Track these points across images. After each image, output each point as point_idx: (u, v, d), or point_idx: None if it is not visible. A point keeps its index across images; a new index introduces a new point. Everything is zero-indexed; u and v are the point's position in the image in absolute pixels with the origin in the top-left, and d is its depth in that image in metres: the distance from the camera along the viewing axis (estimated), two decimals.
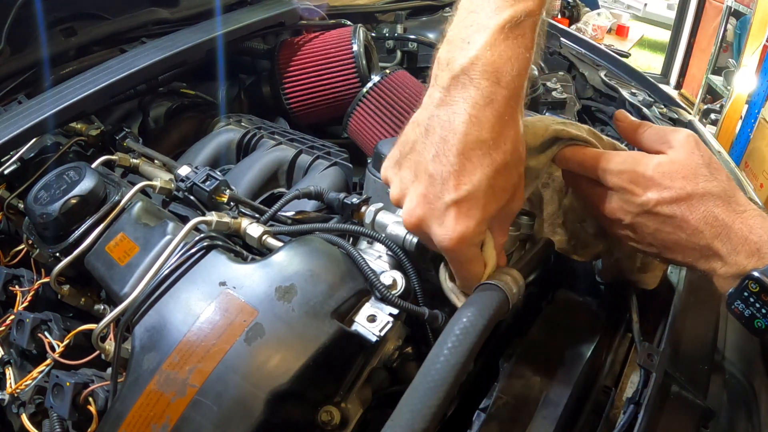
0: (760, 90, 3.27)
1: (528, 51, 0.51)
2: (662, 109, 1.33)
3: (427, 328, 0.67)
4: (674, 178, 0.56)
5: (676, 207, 0.55)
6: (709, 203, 0.55)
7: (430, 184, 0.52)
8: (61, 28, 1.12)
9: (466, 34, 0.51)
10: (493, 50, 0.50)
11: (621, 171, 0.58)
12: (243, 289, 0.61)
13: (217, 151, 1.09)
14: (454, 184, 0.50)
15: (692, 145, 0.57)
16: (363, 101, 1.18)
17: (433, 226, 0.53)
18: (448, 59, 0.52)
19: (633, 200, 0.57)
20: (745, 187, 1.14)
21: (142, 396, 0.57)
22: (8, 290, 0.80)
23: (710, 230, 0.54)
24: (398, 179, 0.56)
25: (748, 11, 3.73)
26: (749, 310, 0.53)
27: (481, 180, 0.50)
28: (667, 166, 0.56)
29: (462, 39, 0.51)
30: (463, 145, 0.50)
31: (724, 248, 0.54)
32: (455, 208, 0.51)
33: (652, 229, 0.57)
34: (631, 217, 0.58)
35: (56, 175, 0.77)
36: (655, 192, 0.56)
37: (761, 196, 2.88)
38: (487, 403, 0.61)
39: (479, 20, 0.51)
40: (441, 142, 0.51)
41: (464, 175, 0.50)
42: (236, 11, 1.29)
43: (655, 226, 0.57)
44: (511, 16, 0.50)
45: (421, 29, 1.67)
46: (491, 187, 0.51)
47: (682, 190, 0.55)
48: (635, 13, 6.70)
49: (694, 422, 0.62)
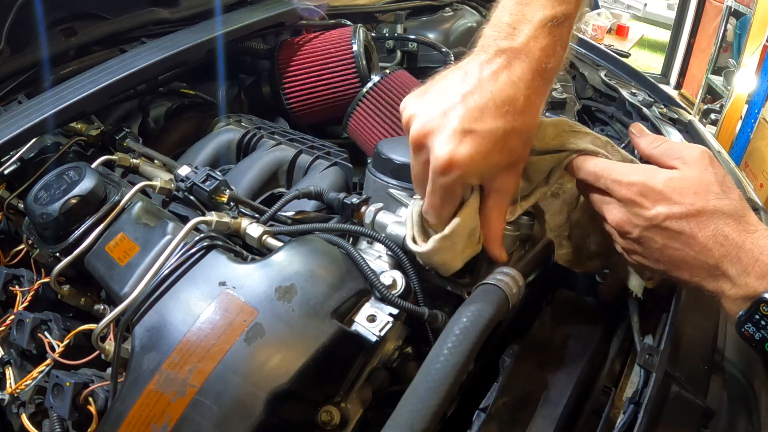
0: (760, 90, 3.27)
1: (563, 50, 0.57)
2: (662, 109, 1.33)
3: (427, 328, 0.67)
4: (685, 193, 0.55)
5: (684, 223, 0.54)
6: (719, 221, 0.54)
7: (452, 108, 0.54)
8: (61, 28, 1.12)
9: (512, 21, 0.56)
10: (536, 42, 0.55)
11: (631, 183, 0.57)
12: (243, 289, 0.61)
13: (217, 151, 1.09)
14: (475, 116, 0.53)
15: (706, 162, 0.57)
16: (363, 101, 1.18)
17: (438, 139, 0.55)
18: (495, 38, 0.56)
19: (642, 213, 0.56)
20: (745, 187, 1.14)
21: (142, 396, 0.57)
22: (8, 290, 0.80)
23: (719, 249, 0.53)
24: (418, 101, 0.58)
25: (748, 11, 3.73)
26: (760, 333, 0.52)
27: (499, 128, 0.54)
28: (679, 181, 0.56)
29: (509, 25, 0.56)
30: (498, 96, 0.54)
31: (733, 269, 0.53)
32: (464, 134, 0.54)
33: (659, 245, 0.57)
34: (639, 230, 0.57)
35: (56, 175, 0.77)
36: (664, 206, 0.55)
37: (761, 196, 2.88)
38: (487, 403, 0.62)
39: (526, 13, 0.56)
40: (476, 85, 0.55)
41: (488, 115, 0.54)
42: (236, 11, 1.29)
43: (662, 241, 0.56)
44: (553, 15, 0.55)
45: (421, 29, 1.67)
46: (503, 139, 0.54)
47: (692, 206, 0.54)
48: (635, 13, 6.70)
49: (694, 422, 0.62)
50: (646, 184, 0.56)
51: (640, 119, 1.29)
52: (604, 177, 0.59)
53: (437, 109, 0.55)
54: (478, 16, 1.85)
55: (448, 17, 1.75)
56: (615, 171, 0.59)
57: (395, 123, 1.16)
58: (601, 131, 1.37)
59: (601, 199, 0.61)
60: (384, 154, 0.79)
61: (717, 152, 1.22)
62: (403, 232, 0.67)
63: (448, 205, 0.58)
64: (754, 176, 3.07)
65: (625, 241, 0.61)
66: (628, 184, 0.57)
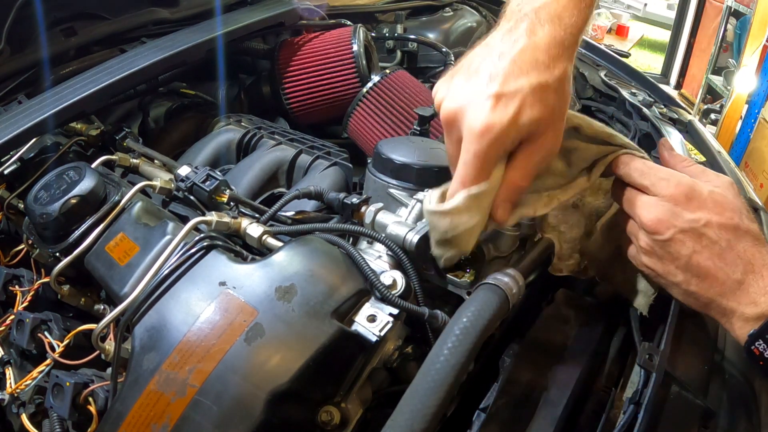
0: (760, 90, 3.26)
1: (588, 7, 0.57)
2: (662, 109, 1.33)
3: (427, 328, 0.67)
4: (725, 208, 0.57)
5: (723, 233, 0.56)
6: (748, 241, 0.56)
7: (479, 79, 0.55)
8: (61, 28, 1.12)
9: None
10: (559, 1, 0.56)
11: (680, 183, 0.58)
12: (243, 289, 0.61)
13: (217, 151, 1.09)
14: (501, 81, 0.54)
15: (736, 190, 0.60)
16: (363, 101, 1.18)
17: (469, 111, 0.55)
18: (519, 5, 0.58)
19: (683, 214, 0.57)
20: (745, 187, 1.14)
21: (142, 396, 0.57)
22: (8, 290, 0.80)
23: (746, 266, 0.56)
24: (447, 86, 0.59)
25: (748, 11, 3.73)
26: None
27: (524, 85, 0.54)
28: (720, 196, 0.58)
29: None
30: (518, 57, 0.55)
31: (755, 286, 0.55)
32: (495, 99, 0.54)
33: (689, 251, 0.57)
34: (674, 232, 0.57)
35: (56, 175, 0.77)
36: (707, 212, 0.57)
37: (761, 196, 2.88)
38: (487, 403, 0.62)
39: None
40: (499, 56, 0.55)
41: (512, 76, 0.54)
42: (236, 11, 1.29)
43: (694, 247, 0.57)
44: None
45: (421, 29, 1.67)
46: (531, 94, 0.54)
47: (731, 220, 0.56)
48: (635, 13, 6.70)
49: (694, 422, 0.62)
50: (693, 188, 0.58)
51: (640, 119, 1.28)
52: (652, 174, 0.60)
53: (463, 86, 0.57)
54: (478, 16, 1.85)
55: (448, 17, 1.76)
56: (662, 170, 0.60)
57: (395, 123, 1.16)
58: None
59: (637, 196, 0.61)
60: (384, 154, 0.79)
61: (717, 152, 1.22)
62: (403, 232, 0.67)
63: (481, 177, 0.57)
64: (754, 176, 3.07)
65: (649, 245, 0.60)
66: (677, 183, 0.58)
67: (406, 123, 1.15)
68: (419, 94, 1.21)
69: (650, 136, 1.21)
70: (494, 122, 0.53)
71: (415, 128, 1.08)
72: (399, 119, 1.16)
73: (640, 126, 1.26)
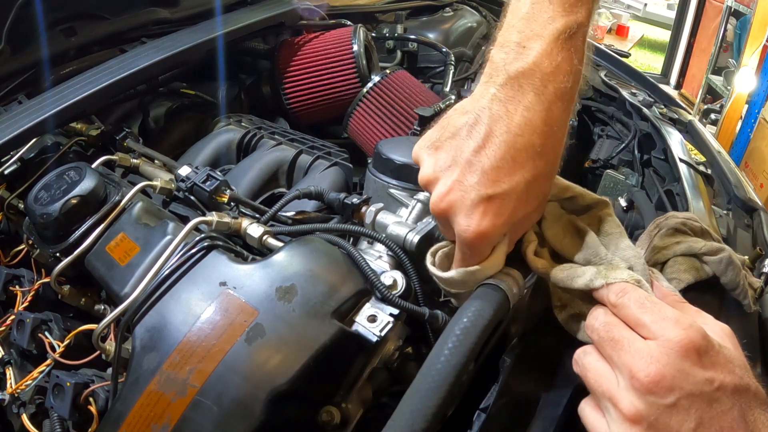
0: (760, 90, 3.27)
1: (581, 63, 0.52)
2: (662, 109, 1.33)
3: (428, 328, 0.67)
4: (735, 364, 0.45)
5: (736, 398, 0.43)
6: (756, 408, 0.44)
7: (468, 173, 0.51)
8: (61, 28, 1.12)
9: (521, 39, 0.51)
10: (551, 60, 0.50)
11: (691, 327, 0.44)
12: (243, 290, 0.61)
13: (217, 151, 1.10)
14: (492, 179, 0.50)
15: (737, 341, 0.48)
16: (363, 101, 1.18)
17: (460, 215, 0.52)
18: (504, 61, 0.52)
19: (695, 372, 0.43)
20: (745, 187, 1.14)
21: (143, 396, 0.57)
22: (8, 290, 0.80)
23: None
24: (433, 161, 0.54)
25: (748, 11, 3.73)
26: None
27: (519, 182, 0.50)
28: (728, 350, 0.46)
29: (517, 44, 0.51)
30: (512, 145, 0.50)
31: None
32: (486, 203, 0.50)
33: (694, 423, 0.42)
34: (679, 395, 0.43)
35: (56, 175, 0.77)
36: (720, 371, 0.43)
37: (761, 196, 2.87)
38: (487, 403, 0.61)
39: (534, 28, 0.51)
40: (488, 135, 0.50)
41: (504, 174, 0.50)
42: (236, 11, 1.29)
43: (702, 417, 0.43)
44: (564, 26, 0.50)
45: (421, 29, 1.67)
46: (526, 191, 0.51)
47: (741, 380, 0.44)
48: (635, 13, 6.71)
49: None
50: (707, 338, 0.44)
51: (640, 119, 1.29)
52: (656, 310, 0.46)
53: (452, 174, 0.52)
54: (478, 16, 1.85)
55: (448, 17, 1.76)
56: (668, 307, 0.47)
57: (395, 123, 1.16)
58: (601, 131, 1.37)
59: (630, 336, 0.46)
60: (384, 155, 0.79)
61: (717, 152, 1.22)
62: (404, 232, 0.67)
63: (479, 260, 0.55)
64: (754, 176, 3.07)
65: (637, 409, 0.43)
66: (688, 327, 0.44)
67: (406, 123, 1.16)
68: (419, 94, 1.21)
69: (650, 136, 1.21)
70: (486, 231, 0.51)
71: (415, 128, 1.08)
72: (399, 119, 1.16)
73: (641, 126, 1.26)
